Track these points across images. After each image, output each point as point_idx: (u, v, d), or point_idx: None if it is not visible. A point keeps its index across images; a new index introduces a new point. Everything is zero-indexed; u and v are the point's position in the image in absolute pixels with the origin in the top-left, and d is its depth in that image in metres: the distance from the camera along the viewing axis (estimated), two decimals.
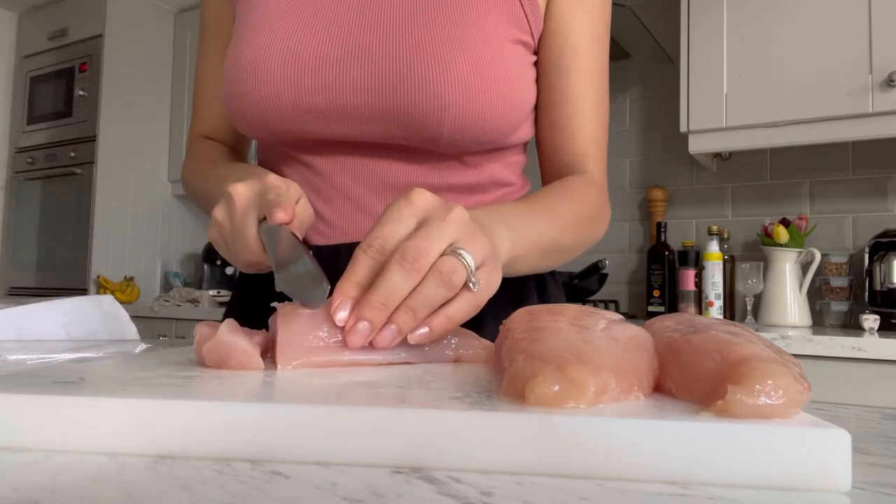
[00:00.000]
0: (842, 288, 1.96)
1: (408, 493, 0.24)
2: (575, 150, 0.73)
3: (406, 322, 0.42)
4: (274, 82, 0.65)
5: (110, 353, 0.63)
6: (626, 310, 2.38)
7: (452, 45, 0.64)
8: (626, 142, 2.41)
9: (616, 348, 0.33)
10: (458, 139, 0.66)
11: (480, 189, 0.73)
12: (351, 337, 0.41)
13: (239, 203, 0.54)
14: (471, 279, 0.44)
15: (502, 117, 0.67)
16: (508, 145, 0.72)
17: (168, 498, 0.23)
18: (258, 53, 0.66)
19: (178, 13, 3.26)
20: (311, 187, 0.71)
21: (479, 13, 0.66)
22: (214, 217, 0.57)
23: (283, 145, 0.71)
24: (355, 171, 0.70)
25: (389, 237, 0.44)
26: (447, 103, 0.63)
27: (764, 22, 1.88)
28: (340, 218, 0.71)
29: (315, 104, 0.65)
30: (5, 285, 3.23)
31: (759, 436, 0.26)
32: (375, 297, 0.41)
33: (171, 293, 2.79)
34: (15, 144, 3.25)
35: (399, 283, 0.41)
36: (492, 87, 0.65)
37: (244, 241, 0.55)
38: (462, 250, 0.44)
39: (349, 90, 0.65)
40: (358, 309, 0.41)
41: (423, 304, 0.42)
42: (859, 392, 1.48)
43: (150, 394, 0.30)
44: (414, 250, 0.42)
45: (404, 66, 0.64)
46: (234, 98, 0.68)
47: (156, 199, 3.18)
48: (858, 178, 2.06)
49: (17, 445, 0.29)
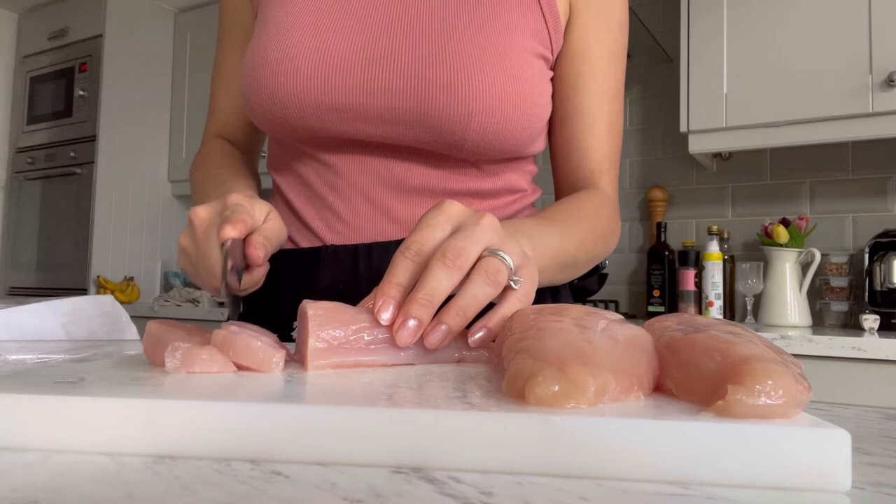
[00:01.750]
0: (842, 288, 1.96)
1: (408, 493, 0.24)
2: (589, 165, 0.75)
3: (456, 322, 0.42)
4: (301, 79, 0.66)
5: (110, 353, 0.63)
6: (626, 310, 2.38)
7: (480, 55, 0.65)
8: (626, 142, 2.41)
9: (616, 348, 0.33)
10: (481, 147, 0.67)
11: (495, 195, 0.74)
12: (400, 334, 0.41)
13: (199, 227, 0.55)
14: (512, 277, 0.45)
15: (525, 128, 0.68)
16: (525, 155, 0.74)
17: (168, 498, 0.23)
18: (285, 51, 0.67)
19: (178, 13, 3.26)
20: (329, 186, 0.72)
21: (505, 25, 0.67)
22: (180, 244, 0.57)
23: (301, 143, 0.72)
24: (375, 171, 0.71)
25: (426, 241, 0.45)
26: (473, 111, 0.64)
27: (764, 22, 1.88)
28: (358, 217, 0.72)
29: (342, 104, 0.66)
30: (5, 285, 3.23)
31: (759, 436, 0.26)
32: (421, 295, 0.42)
33: (171, 293, 2.79)
34: (15, 144, 3.25)
35: (442, 280, 0.42)
36: (517, 99, 0.66)
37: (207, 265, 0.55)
38: (501, 251, 0.45)
39: (377, 92, 0.66)
40: (405, 308, 0.41)
41: (472, 303, 0.43)
42: (859, 392, 1.48)
43: (150, 394, 0.30)
44: (454, 249, 0.43)
45: (432, 72, 0.65)
46: (257, 93, 0.68)
47: (156, 199, 3.18)
48: (858, 178, 2.06)
49: (17, 445, 0.29)
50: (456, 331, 0.43)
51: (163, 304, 2.71)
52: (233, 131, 0.83)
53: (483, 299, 0.44)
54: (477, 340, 0.44)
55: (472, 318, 0.44)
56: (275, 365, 0.39)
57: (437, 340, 0.42)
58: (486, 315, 0.44)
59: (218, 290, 0.56)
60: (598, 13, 0.73)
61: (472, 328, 0.44)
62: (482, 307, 0.44)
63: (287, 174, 0.76)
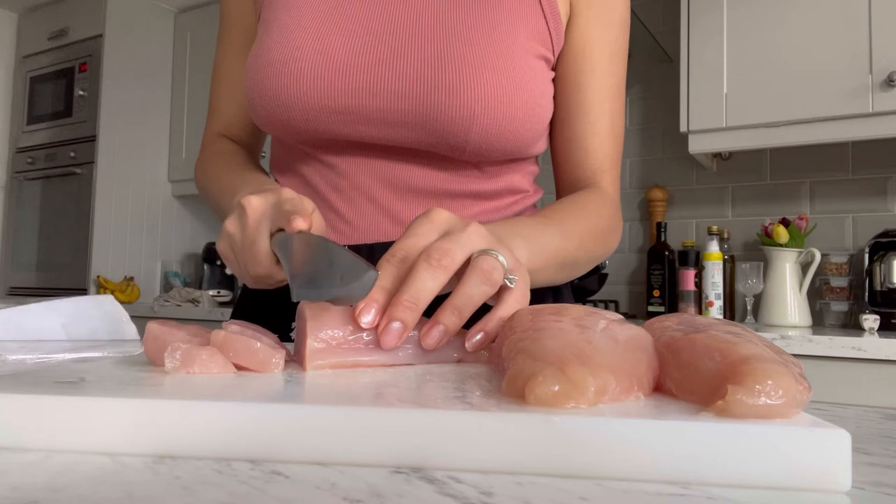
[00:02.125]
0: (842, 288, 1.96)
1: (408, 493, 0.24)
2: (590, 164, 0.74)
3: (452, 321, 0.42)
4: (304, 82, 0.66)
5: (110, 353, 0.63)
6: (626, 310, 2.38)
7: (482, 57, 0.65)
8: (627, 142, 2.41)
9: (616, 348, 0.33)
10: (483, 148, 0.67)
11: (497, 196, 0.74)
12: (385, 338, 0.41)
13: (252, 215, 0.54)
14: (507, 276, 0.45)
15: (527, 130, 0.68)
16: (528, 156, 0.74)
17: (168, 498, 0.23)
18: (288, 52, 0.67)
19: (178, 13, 3.26)
20: (332, 187, 0.72)
21: (507, 27, 0.67)
22: (226, 229, 0.56)
23: (305, 144, 0.72)
24: (377, 172, 0.71)
25: (411, 247, 0.45)
26: (476, 113, 0.64)
27: (764, 22, 1.88)
28: (361, 218, 0.72)
29: (345, 106, 0.66)
30: (5, 285, 3.23)
31: (759, 436, 0.26)
32: (405, 297, 0.41)
33: (171, 293, 2.79)
34: (15, 144, 3.25)
35: (427, 281, 0.42)
36: (519, 100, 0.66)
37: (255, 253, 0.54)
38: (493, 251, 0.45)
39: (380, 94, 0.66)
40: (389, 310, 0.41)
41: (468, 302, 0.43)
42: (859, 392, 1.48)
43: (151, 394, 0.30)
44: (439, 250, 0.43)
45: (435, 74, 0.65)
46: (260, 94, 0.68)
47: (156, 199, 3.18)
48: (858, 178, 2.06)
49: (17, 445, 0.29)
50: (453, 330, 0.43)
51: (163, 304, 2.71)
52: (235, 132, 0.83)
53: (479, 298, 0.43)
54: (475, 344, 0.43)
55: (468, 317, 0.43)
56: (275, 365, 0.39)
57: (435, 341, 0.42)
58: (484, 318, 0.44)
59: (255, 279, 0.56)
60: (599, 12, 0.73)
61: (469, 331, 0.44)
62: (478, 306, 0.44)
63: (290, 175, 0.76)
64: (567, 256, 0.64)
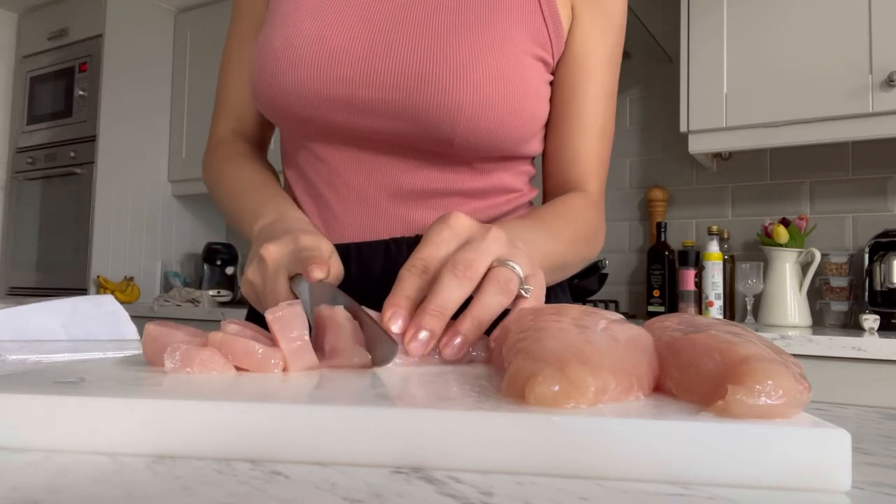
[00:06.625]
0: (842, 288, 1.96)
1: (408, 493, 0.24)
2: (579, 167, 0.75)
3: (472, 331, 0.43)
4: (302, 67, 0.67)
5: (110, 353, 0.63)
6: (626, 310, 2.38)
7: (473, 51, 0.66)
8: (626, 142, 2.41)
9: (616, 348, 0.33)
10: (471, 143, 0.68)
11: (488, 194, 0.75)
12: (413, 346, 0.41)
13: (271, 266, 0.56)
14: (523, 286, 0.46)
15: (516, 127, 0.69)
16: (520, 155, 0.74)
17: (168, 498, 0.23)
18: (288, 39, 0.68)
19: (178, 13, 3.26)
20: (327, 183, 0.73)
21: (504, 25, 0.68)
22: (247, 277, 0.59)
23: (304, 137, 0.73)
24: (370, 169, 0.72)
25: (431, 258, 0.46)
26: (462, 105, 0.65)
27: (764, 22, 1.88)
28: (352, 216, 0.73)
29: (339, 94, 0.67)
30: (5, 285, 3.23)
31: (759, 436, 0.26)
32: (432, 306, 0.42)
33: (171, 293, 2.79)
34: (15, 144, 3.25)
35: (453, 291, 0.43)
36: (508, 96, 0.66)
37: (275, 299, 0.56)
38: (510, 262, 0.46)
39: (373, 84, 0.66)
40: (416, 319, 0.42)
41: (486, 312, 0.44)
42: (859, 392, 1.48)
43: (150, 394, 0.30)
44: (464, 261, 0.45)
45: (424, 66, 0.65)
46: (263, 80, 0.70)
47: (156, 198, 3.18)
48: (858, 178, 2.06)
49: (17, 445, 0.29)
50: (472, 340, 0.43)
51: (163, 304, 2.70)
52: (246, 125, 0.84)
53: (496, 308, 0.44)
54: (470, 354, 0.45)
55: (486, 327, 0.44)
56: (274, 365, 0.39)
57: (455, 352, 0.43)
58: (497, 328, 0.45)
59: None
60: (600, 18, 0.74)
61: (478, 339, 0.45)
62: (496, 316, 0.45)
63: (295, 170, 0.77)
64: (558, 259, 0.66)
